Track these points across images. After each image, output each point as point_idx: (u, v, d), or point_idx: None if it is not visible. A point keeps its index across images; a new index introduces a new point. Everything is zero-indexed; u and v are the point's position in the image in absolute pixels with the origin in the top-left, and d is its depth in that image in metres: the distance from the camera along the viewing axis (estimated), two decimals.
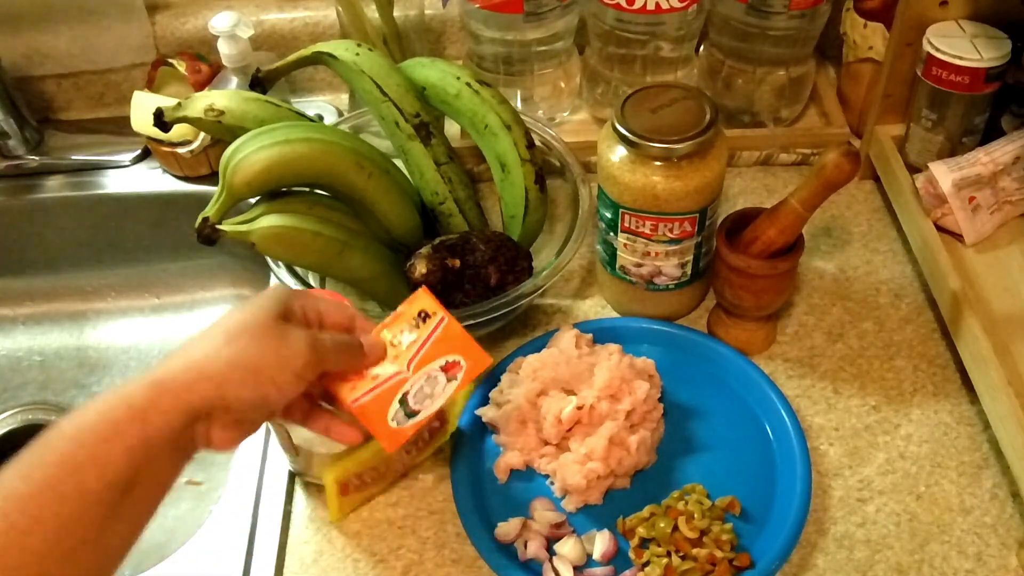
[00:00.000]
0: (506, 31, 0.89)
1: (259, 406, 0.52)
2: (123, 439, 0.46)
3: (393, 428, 0.59)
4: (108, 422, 0.47)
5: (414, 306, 0.61)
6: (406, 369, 0.60)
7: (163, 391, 0.48)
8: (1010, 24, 0.79)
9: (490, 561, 0.64)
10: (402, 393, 0.59)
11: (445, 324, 0.61)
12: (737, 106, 0.94)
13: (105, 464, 0.45)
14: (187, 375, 0.49)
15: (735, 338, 0.77)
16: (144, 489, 0.48)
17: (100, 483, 0.45)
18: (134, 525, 0.48)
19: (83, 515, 0.45)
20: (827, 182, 0.66)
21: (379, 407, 0.59)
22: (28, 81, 1.01)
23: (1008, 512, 0.67)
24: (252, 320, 0.53)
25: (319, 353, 0.54)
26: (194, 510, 0.83)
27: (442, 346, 0.61)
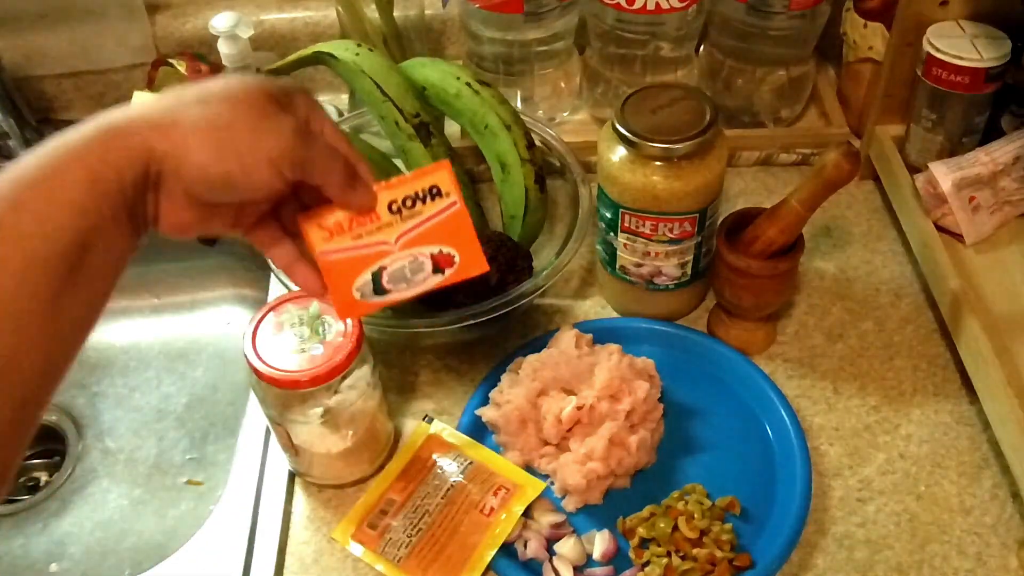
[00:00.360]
0: (506, 31, 0.89)
1: (218, 184, 0.44)
2: (70, 196, 0.40)
3: (354, 299, 0.53)
4: (50, 176, 0.40)
5: (427, 179, 0.53)
6: (392, 242, 0.53)
7: (114, 138, 0.42)
8: (1010, 24, 0.79)
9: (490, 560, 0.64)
10: (379, 266, 0.53)
11: (455, 210, 0.53)
12: (737, 106, 0.94)
13: (54, 228, 0.40)
14: (142, 123, 0.42)
15: (735, 338, 0.77)
16: (97, 260, 0.42)
17: (48, 250, 0.39)
18: (87, 306, 0.42)
19: (31, 285, 0.39)
20: (827, 182, 0.66)
21: (348, 270, 0.52)
22: (28, 81, 1.01)
23: (1008, 512, 0.67)
24: (238, 88, 0.45)
25: (304, 147, 0.46)
26: (194, 510, 0.83)
27: (442, 233, 0.53)
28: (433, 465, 0.69)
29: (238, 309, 0.98)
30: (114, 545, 0.82)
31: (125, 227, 0.43)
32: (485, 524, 0.65)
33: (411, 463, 0.70)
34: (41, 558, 0.81)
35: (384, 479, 0.69)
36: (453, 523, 0.65)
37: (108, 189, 0.41)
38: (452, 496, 0.67)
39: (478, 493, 0.67)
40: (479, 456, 0.70)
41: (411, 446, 0.71)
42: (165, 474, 0.86)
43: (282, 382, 0.62)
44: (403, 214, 0.53)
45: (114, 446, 0.89)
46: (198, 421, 0.90)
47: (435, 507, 0.66)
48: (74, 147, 0.41)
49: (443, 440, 0.71)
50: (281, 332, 0.64)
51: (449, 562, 0.64)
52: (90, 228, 0.41)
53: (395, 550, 0.65)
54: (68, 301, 0.40)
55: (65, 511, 0.85)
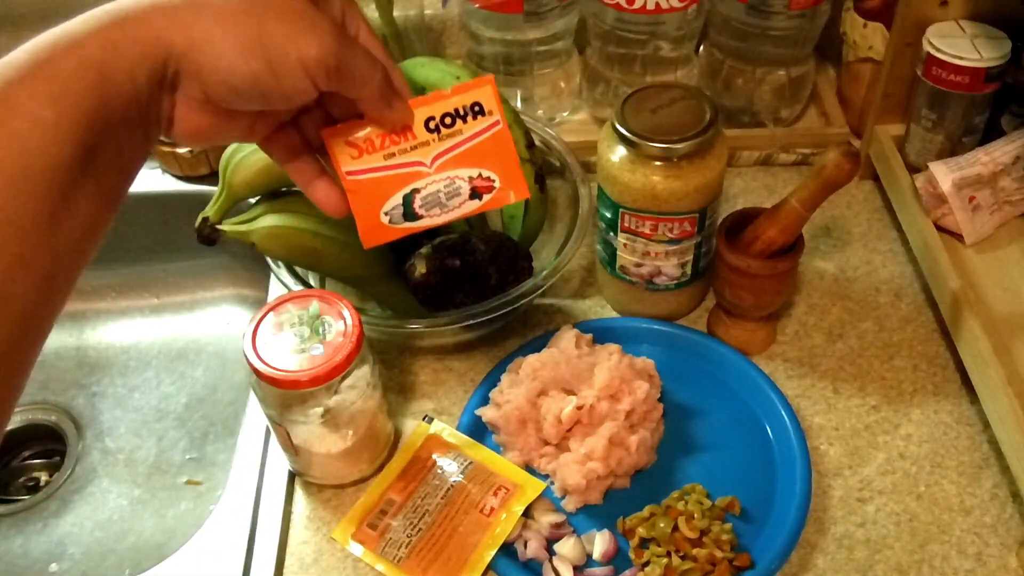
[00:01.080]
0: (506, 31, 0.89)
1: (243, 88, 0.39)
2: (76, 100, 0.35)
3: (382, 223, 0.49)
4: (53, 75, 0.35)
5: (469, 95, 0.49)
6: (428, 163, 0.48)
7: (126, 33, 0.36)
8: (1010, 24, 0.79)
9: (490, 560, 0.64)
10: (411, 188, 0.49)
11: (497, 131, 0.49)
12: (737, 106, 0.94)
13: (55, 136, 0.34)
14: (156, 11, 0.37)
15: (735, 338, 0.77)
16: (103, 169, 0.37)
17: (48, 162, 0.34)
18: (90, 220, 0.37)
19: (27, 196, 0.34)
20: (827, 182, 0.66)
21: (377, 193, 0.48)
22: None
23: (1008, 512, 0.67)
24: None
25: (342, 53, 0.41)
26: (194, 510, 0.83)
27: (483, 154, 0.49)
28: (433, 465, 0.69)
29: (238, 309, 0.98)
30: (114, 545, 0.82)
31: (136, 130, 0.38)
32: (485, 524, 0.65)
33: (411, 463, 0.70)
34: (41, 558, 0.81)
35: (384, 479, 0.69)
36: (453, 523, 0.65)
37: (117, 88, 0.36)
38: (452, 496, 0.67)
39: (478, 493, 0.67)
40: (479, 456, 0.70)
41: (411, 446, 0.71)
42: (165, 474, 0.86)
43: (282, 382, 0.62)
44: (441, 133, 0.48)
45: (114, 446, 0.89)
46: (198, 421, 0.90)
47: (435, 507, 0.66)
48: (77, 36, 0.36)
49: (443, 440, 0.71)
50: (281, 332, 0.64)
51: (449, 562, 0.64)
52: (95, 132, 0.36)
53: (395, 550, 0.65)
54: (69, 215, 0.36)
55: (65, 511, 0.85)
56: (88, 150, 0.36)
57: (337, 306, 0.65)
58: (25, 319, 0.36)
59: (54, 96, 0.35)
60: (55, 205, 0.35)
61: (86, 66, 0.35)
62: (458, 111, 0.48)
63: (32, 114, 0.34)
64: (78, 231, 0.37)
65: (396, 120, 0.47)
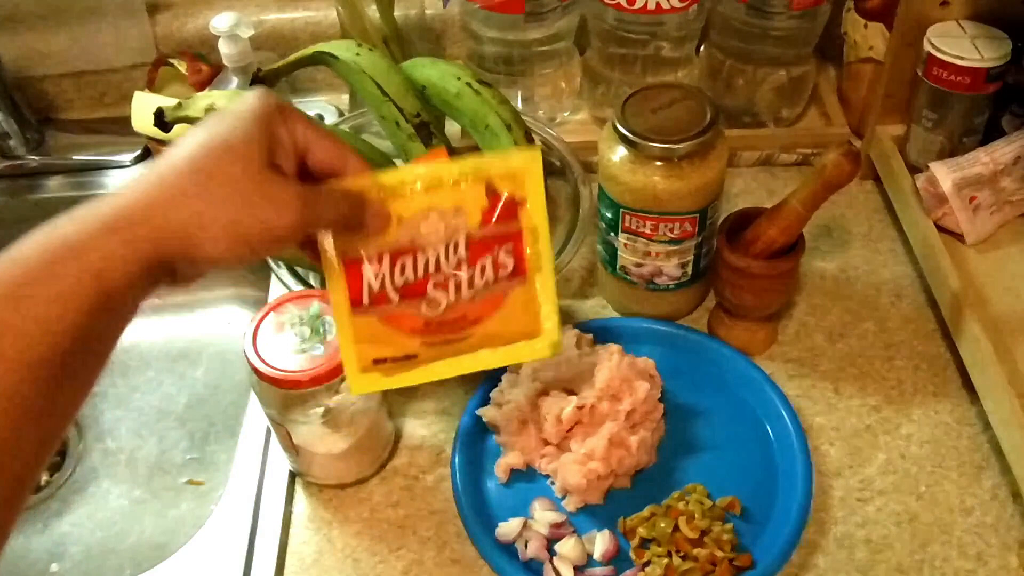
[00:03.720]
0: (507, 31, 0.89)
1: (233, 263, 0.45)
2: (77, 299, 0.39)
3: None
4: (52, 276, 0.39)
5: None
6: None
7: (117, 239, 0.41)
8: (1010, 24, 0.79)
9: (491, 561, 0.64)
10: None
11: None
12: (738, 106, 0.94)
13: (57, 330, 0.39)
14: (145, 225, 0.41)
15: (736, 338, 0.77)
16: (99, 348, 0.42)
17: (49, 351, 0.39)
18: (84, 388, 0.42)
19: (30, 386, 0.38)
20: (828, 182, 0.66)
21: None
22: (28, 81, 1.01)
23: (1009, 512, 0.67)
24: (234, 162, 0.43)
25: (310, 212, 0.45)
26: (194, 510, 0.83)
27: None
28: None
29: (238, 309, 0.98)
30: (114, 545, 0.82)
31: (130, 310, 0.43)
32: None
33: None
34: (41, 558, 0.81)
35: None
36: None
37: (117, 291, 0.41)
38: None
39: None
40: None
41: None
42: (166, 474, 0.86)
43: (283, 382, 0.62)
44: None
45: (115, 446, 0.89)
46: (199, 421, 0.90)
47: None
48: (75, 246, 0.40)
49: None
50: (282, 332, 0.64)
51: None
52: (96, 325, 0.40)
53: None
54: (66, 391, 0.40)
55: (65, 511, 0.85)
56: (86, 338, 0.40)
57: None
58: (20, 478, 0.40)
59: (57, 299, 0.39)
60: (55, 384, 0.39)
61: (86, 273, 0.40)
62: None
63: (35, 313, 0.39)
64: (75, 399, 0.42)
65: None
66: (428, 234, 0.50)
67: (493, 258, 0.51)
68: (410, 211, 0.50)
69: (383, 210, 0.50)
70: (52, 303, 0.39)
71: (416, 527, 0.69)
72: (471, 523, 0.66)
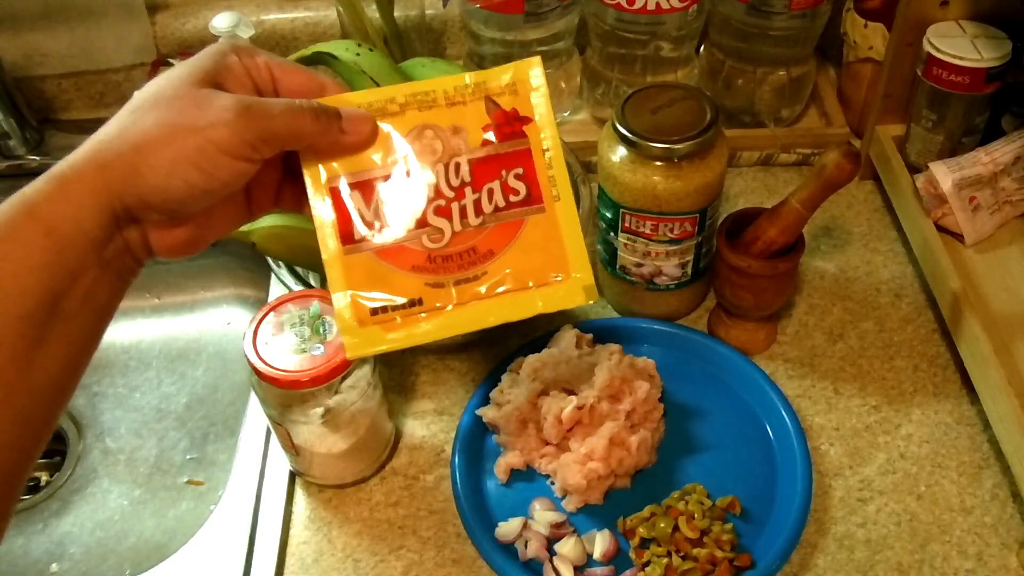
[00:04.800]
0: (506, 31, 0.89)
1: (187, 196, 0.41)
2: (30, 256, 0.38)
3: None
4: (7, 236, 0.38)
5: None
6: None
7: (65, 189, 0.39)
8: (1010, 24, 0.79)
9: (491, 561, 0.64)
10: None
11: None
12: (737, 106, 0.94)
13: (16, 290, 0.38)
14: (89, 166, 0.40)
15: (735, 338, 0.77)
16: (72, 313, 0.40)
17: (12, 314, 0.37)
18: (67, 359, 0.40)
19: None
20: (828, 182, 0.66)
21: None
22: (28, 81, 1.01)
23: (1008, 512, 0.67)
24: (167, 87, 0.41)
25: (255, 120, 0.41)
26: (194, 510, 0.83)
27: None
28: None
29: (238, 309, 0.98)
30: (114, 545, 0.82)
31: (101, 271, 0.41)
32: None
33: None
34: (41, 558, 0.81)
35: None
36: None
37: (69, 243, 0.39)
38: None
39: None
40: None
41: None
42: (165, 474, 0.86)
43: (283, 382, 0.62)
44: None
45: (114, 446, 0.89)
46: (198, 421, 0.90)
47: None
48: (29, 204, 0.39)
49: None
50: (282, 332, 0.64)
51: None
52: (56, 282, 0.39)
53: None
54: (42, 359, 0.39)
55: (65, 511, 0.85)
56: (53, 297, 0.39)
57: None
58: (8, 455, 0.38)
59: (11, 258, 0.38)
60: (26, 350, 0.38)
61: (36, 226, 0.38)
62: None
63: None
64: (54, 369, 0.39)
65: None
66: (423, 152, 0.45)
67: (502, 182, 0.46)
68: (403, 130, 0.45)
69: (364, 116, 0.45)
70: (7, 263, 0.38)
71: (416, 527, 0.69)
72: (471, 523, 0.66)
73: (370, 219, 0.45)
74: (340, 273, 0.45)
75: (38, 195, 0.39)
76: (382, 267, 0.45)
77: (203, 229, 0.44)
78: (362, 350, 0.45)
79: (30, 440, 0.40)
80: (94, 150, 0.41)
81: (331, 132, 0.44)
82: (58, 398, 0.41)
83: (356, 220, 0.45)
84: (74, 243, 0.39)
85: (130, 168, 0.40)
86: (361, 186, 0.45)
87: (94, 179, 0.40)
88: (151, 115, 0.40)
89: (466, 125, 0.46)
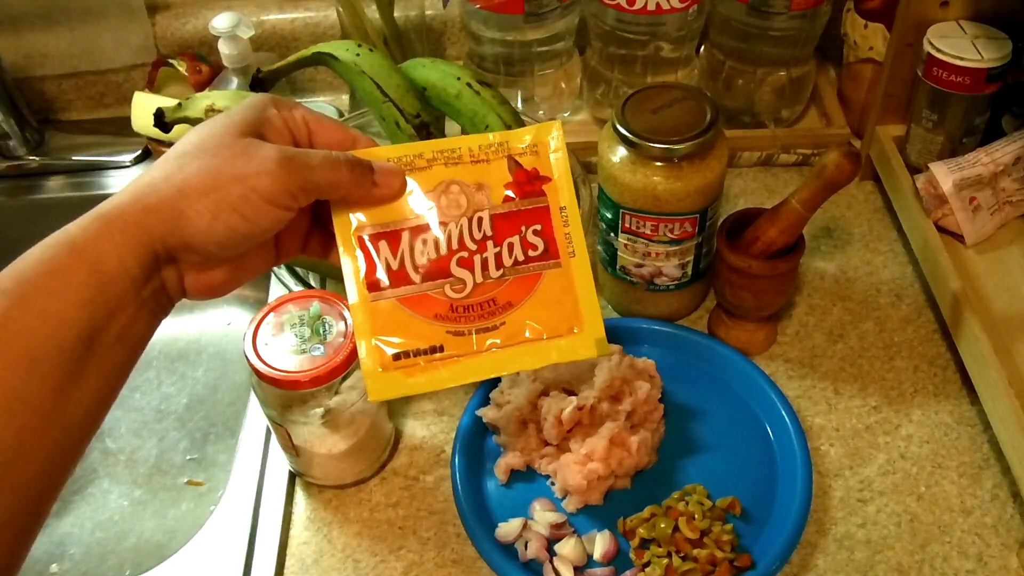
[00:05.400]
0: (507, 32, 0.89)
1: (228, 241, 0.43)
2: (75, 291, 0.40)
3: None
4: (53, 272, 0.40)
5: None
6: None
7: (110, 229, 0.41)
8: (1011, 25, 0.79)
9: (491, 561, 0.64)
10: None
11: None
12: (738, 107, 0.94)
13: (58, 324, 0.39)
14: (134, 208, 0.42)
15: (736, 338, 0.77)
16: (108, 348, 0.41)
17: (53, 346, 0.39)
18: (99, 393, 0.42)
19: (37, 383, 0.38)
20: (828, 182, 0.66)
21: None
22: (28, 81, 1.01)
23: (1009, 513, 0.67)
24: (210, 137, 0.43)
25: (296, 171, 0.43)
26: (194, 510, 0.83)
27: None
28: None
29: (238, 309, 0.98)
30: (114, 545, 0.82)
31: (137, 309, 0.43)
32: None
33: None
34: (41, 558, 0.81)
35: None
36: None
37: (112, 280, 0.41)
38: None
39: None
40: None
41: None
42: (165, 474, 0.86)
43: (282, 382, 0.62)
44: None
45: (114, 446, 0.89)
46: (198, 421, 0.90)
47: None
48: (74, 241, 0.41)
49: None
50: (282, 332, 0.64)
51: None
52: (96, 318, 0.40)
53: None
54: (77, 391, 0.40)
55: (65, 511, 0.85)
56: (92, 332, 0.40)
57: (338, 307, 0.65)
58: (38, 484, 0.39)
59: (57, 294, 0.39)
60: (63, 382, 0.39)
61: (80, 263, 0.40)
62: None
63: (38, 308, 0.39)
64: (88, 401, 0.41)
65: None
66: (449, 207, 0.48)
67: (521, 237, 0.48)
68: (429, 185, 0.48)
69: (395, 170, 0.47)
70: (52, 297, 0.39)
71: (416, 527, 0.69)
72: (471, 523, 0.66)
73: (395, 268, 0.47)
74: (365, 319, 0.47)
75: (83, 232, 0.41)
76: (405, 314, 0.47)
77: (237, 271, 0.46)
78: (383, 394, 0.47)
79: (59, 471, 0.41)
80: (139, 193, 0.42)
81: (364, 184, 0.46)
82: (89, 430, 0.42)
83: (381, 269, 0.47)
84: (116, 281, 0.41)
85: (175, 212, 0.42)
86: (388, 236, 0.47)
87: (139, 220, 0.41)
88: (196, 162, 0.42)
89: (489, 182, 0.49)
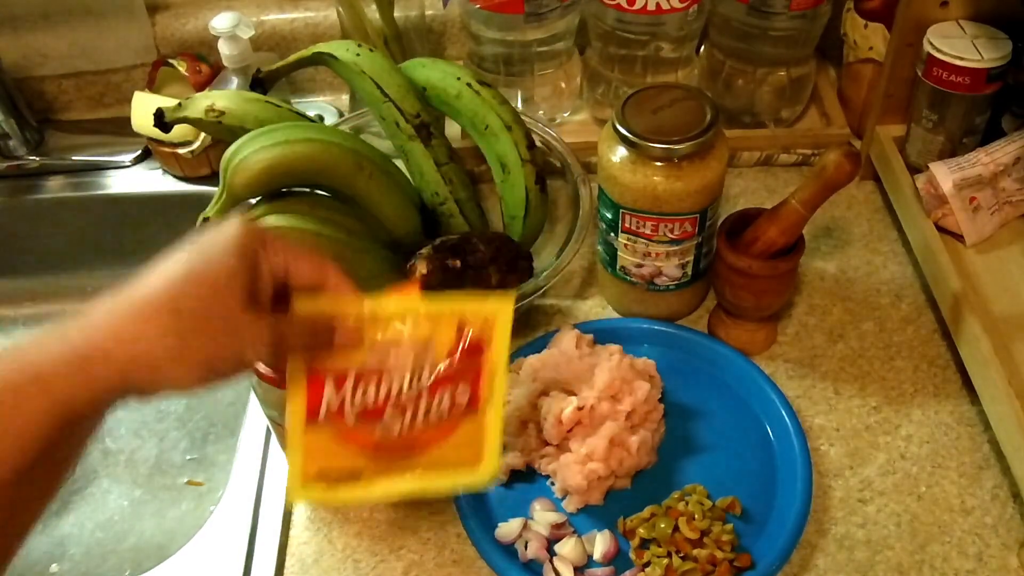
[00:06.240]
0: (507, 32, 0.89)
1: (195, 389, 0.45)
2: (42, 427, 0.40)
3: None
4: (16, 406, 0.40)
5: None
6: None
7: (80, 370, 0.41)
8: (1011, 25, 0.79)
9: (491, 561, 0.64)
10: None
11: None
12: (738, 107, 0.94)
13: (16, 454, 0.39)
14: (120, 358, 0.42)
15: (736, 339, 0.77)
16: (62, 458, 0.43)
17: (11, 474, 0.39)
18: (46, 493, 0.43)
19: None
20: (828, 182, 0.66)
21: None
22: (28, 81, 1.01)
23: (1009, 513, 0.67)
24: (213, 301, 0.44)
25: (280, 346, 0.47)
26: (194, 511, 0.83)
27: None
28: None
29: None
30: (114, 546, 0.82)
31: (94, 426, 0.44)
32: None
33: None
34: (41, 558, 0.81)
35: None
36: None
37: (80, 414, 0.41)
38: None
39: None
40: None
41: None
42: (165, 474, 0.86)
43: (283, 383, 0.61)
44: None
45: (114, 447, 0.89)
46: (198, 422, 0.90)
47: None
48: (43, 374, 0.41)
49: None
50: None
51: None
52: (57, 442, 0.41)
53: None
54: (27, 500, 0.42)
55: (65, 511, 0.85)
56: (45, 458, 0.41)
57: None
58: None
59: (14, 427, 0.39)
60: (10, 500, 0.41)
61: (54, 403, 0.40)
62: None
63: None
64: (36, 508, 0.44)
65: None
66: (396, 363, 0.52)
67: (452, 392, 0.53)
68: (383, 337, 0.52)
69: (354, 335, 0.51)
70: (9, 429, 0.39)
71: (416, 527, 0.69)
72: (471, 524, 0.66)
73: (335, 408, 0.52)
74: (298, 442, 0.52)
75: (53, 370, 0.41)
76: (335, 444, 0.52)
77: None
78: (299, 496, 0.53)
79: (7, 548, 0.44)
80: (120, 341, 0.42)
81: (327, 344, 0.50)
82: (33, 525, 0.44)
83: (324, 404, 0.52)
84: (82, 419, 0.42)
85: (161, 372, 0.43)
86: (336, 377, 0.52)
87: (115, 369, 0.42)
88: (197, 336, 0.43)
89: (436, 343, 0.53)
